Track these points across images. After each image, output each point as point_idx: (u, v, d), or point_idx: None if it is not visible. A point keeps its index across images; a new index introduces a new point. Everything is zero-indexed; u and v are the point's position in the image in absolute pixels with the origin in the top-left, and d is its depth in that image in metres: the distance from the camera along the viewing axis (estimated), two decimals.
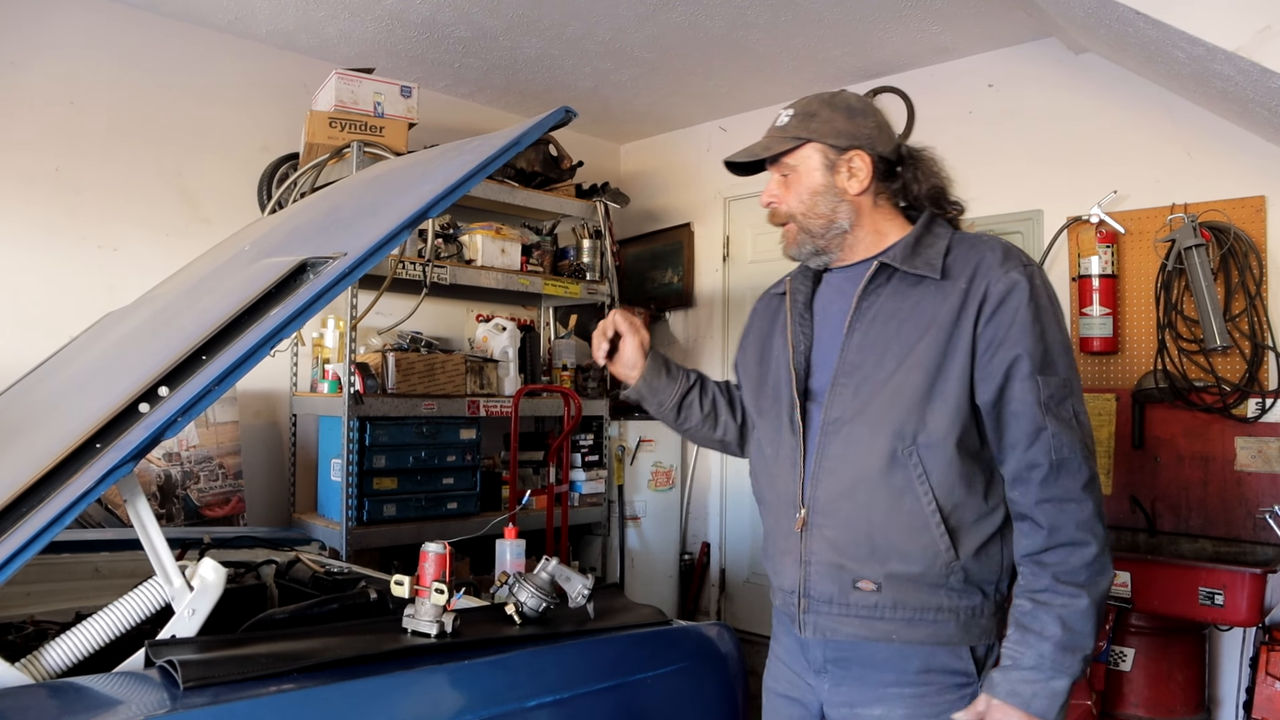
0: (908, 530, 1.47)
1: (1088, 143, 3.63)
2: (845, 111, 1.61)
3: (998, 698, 1.41)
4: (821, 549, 1.53)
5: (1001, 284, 1.46)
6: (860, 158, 1.59)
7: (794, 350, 1.63)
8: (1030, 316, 1.45)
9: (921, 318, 1.50)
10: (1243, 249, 3.19)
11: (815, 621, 1.54)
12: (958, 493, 1.47)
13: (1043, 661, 1.39)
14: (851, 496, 1.51)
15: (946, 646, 1.49)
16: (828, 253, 1.63)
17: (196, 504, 3.53)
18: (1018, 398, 1.44)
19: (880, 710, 1.51)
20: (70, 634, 1.46)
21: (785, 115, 1.63)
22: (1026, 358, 1.43)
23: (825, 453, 1.54)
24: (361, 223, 1.66)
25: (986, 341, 1.46)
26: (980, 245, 1.55)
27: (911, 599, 1.48)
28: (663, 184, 5.24)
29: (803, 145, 1.59)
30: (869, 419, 1.50)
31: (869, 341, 1.53)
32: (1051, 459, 1.41)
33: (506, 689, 1.53)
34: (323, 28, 3.75)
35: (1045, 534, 1.42)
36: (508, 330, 4.11)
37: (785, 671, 1.68)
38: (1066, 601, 1.39)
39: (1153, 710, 2.99)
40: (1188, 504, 3.26)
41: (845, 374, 1.54)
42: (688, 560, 4.84)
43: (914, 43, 3.84)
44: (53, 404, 1.83)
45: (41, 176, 3.41)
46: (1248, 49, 2.31)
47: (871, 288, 1.56)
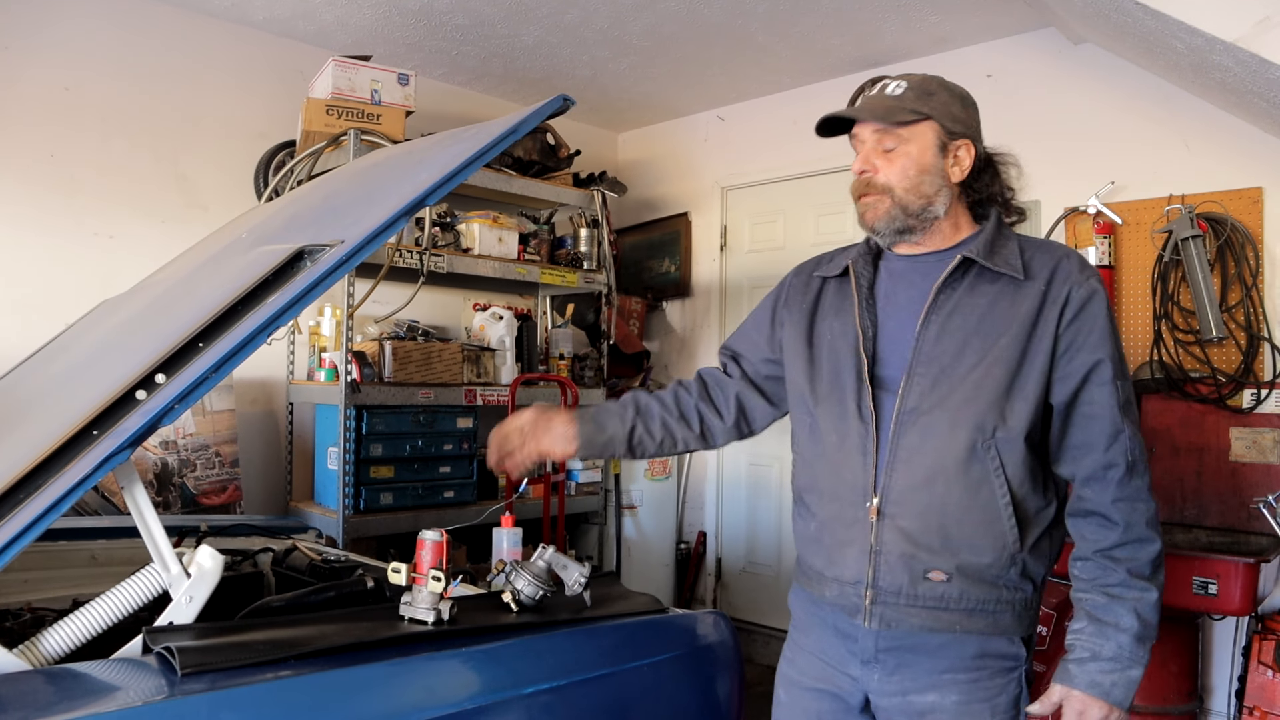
0: (982, 522, 1.50)
1: (1085, 133, 3.63)
2: (960, 99, 1.61)
3: (1078, 689, 1.46)
4: (894, 539, 1.52)
5: (1083, 290, 1.51)
6: (967, 148, 1.59)
7: (862, 335, 1.60)
8: (1108, 324, 1.51)
9: (1002, 315, 1.52)
10: (1239, 240, 3.19)
11: (882, 613, 1.53)
12: (1025, 487, 1.51)
13: (1121, 653, 1.44)
14: (929, 487, 1.51)
15: (1001, 635, 1.53)
16: (913, 233, 1.59)
17: (193, 492, 3.53)
18: (1098, 400, 1.49)
19: (934, 696, 1.52)
20: (68, 620, 1.46)
21: (897, 85, 1.59)
22: (1108, 363, 1.49)
23: (901, 443, 1.53)
24: (359, 210, 1.66)
25: (1067, 343, 1.50)
26: (1055, 250, 1.58)
27: (976, 590, 1.51)
28: (660, 173, 5.23)
29: (923, 120, 1.56)
30: (949, 411, 1.51)
31: (947, 334, 1.53)
32: (1128, 460, 1.48)
33: (503, 676, 1.54)
34: (320, 14, 3.73)
35: (1120, 530, 1.47)
36: (505, 319, 4.11)
37: (815, 664, 1.65)
38: (1139, 595, 1.46)
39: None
40: (1183, 494, 3.27)
41: (922, 365, 1.54)
42: (684, 549, 4.85)
43: (912, 32, 3.83)
44: (49, 391, 1.83)
45: (37, 163, 3.39)
46: (1246, 40, 2.31)
47: (950, 279, 1.56)
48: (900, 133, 1.56)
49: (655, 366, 5.15)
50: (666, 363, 5.16)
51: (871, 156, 1.58)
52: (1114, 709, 1.44)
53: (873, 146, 1.58)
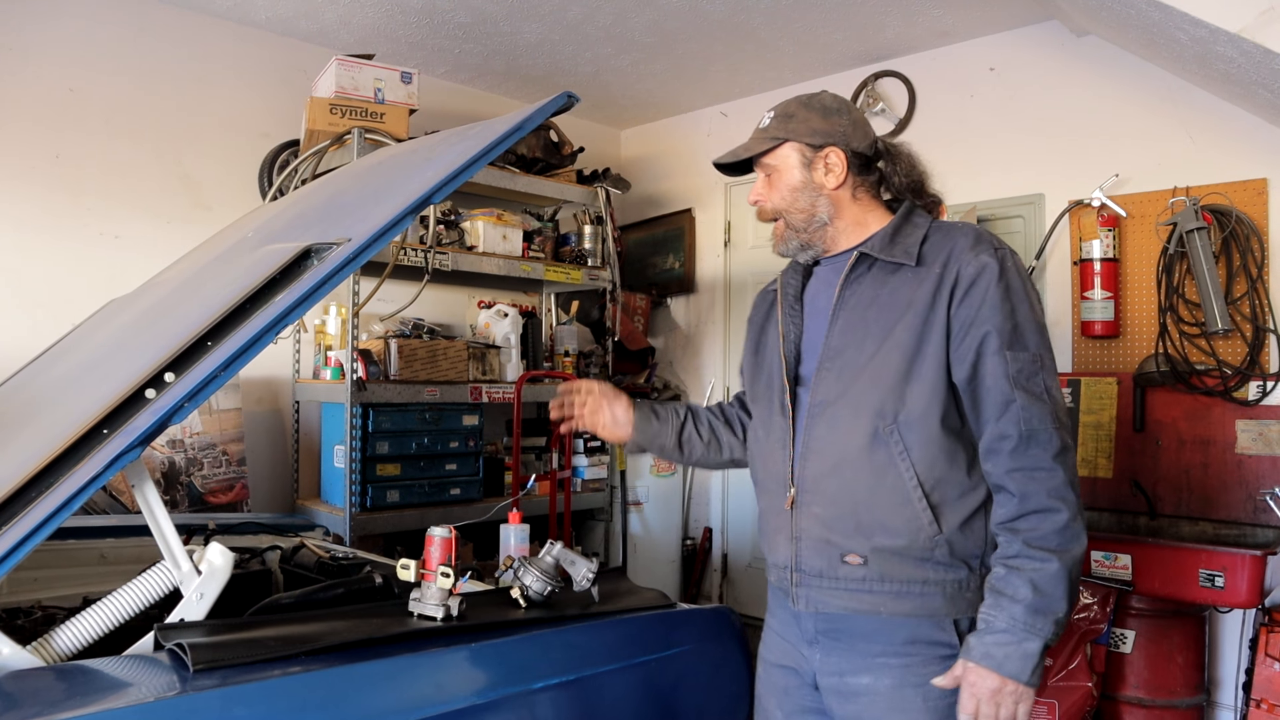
0: (891, 505, 1.54)
1: (1089, 126, 3.62)
2: (820, 111, 1.68)
3: (972, 660, 1.47)
4: (810, 525, 1.60)
5: (972, 267, 1.53)
6: (835, 154, 1.66)
7: (784, 339, 1.71)
8: (1000, 295, 1.51)
9: (898, 302, 1.57)
10: (1244, 232, 3.19)
11: (807, 595, 1.61)
12: (939, 468, 1.54)
13: (1014, 624, 1.43)
14: (836, 474, 1.58)
15: (932, 619, 1.55)
16: (812, 246, 1.70)
17: (200, 491, 3.54)
18: (988, 373, 1.50)
19: (868, 679, 1.57)
20: (80, 617, 1.47)
21: (767, 117, 1.71)
22: (995, 334, 1.50)
23: (811, 434, 1.62)
24: (364, 209, 1.67)
25: (960, 322, 1.53)
26: (953, 232, 1.62)
27: (897, 572, 1.54)
28: (664, 169, 5.23)
29: (781, 145, 1.67)
30: (851, 400, 1.58)
31: (850, 327, 1.61)
32: (1021, 430, 1.47)
33: (512, 671, 1.54)
34: (322, 13, 3.74)
35: (1017, 502, 1.47)
36: (509, 316, 4.11)
37: (779, 642, 1.74)
38: (1037, 565, 1.44)
39: (1153, 692, 3.01)
40: (1188, 487, 3.27)
41: (829, 358, 1.62)
42: (690, 545, 4.86)
43: (915, 26, 3.83)
44: (58, 390, 1.84)
45: (43, 163, 3.40)
46: (1250, 31, 2.31)
47: (853, 276, 1.64)
48: (768, 161, 1.69)
49: (660, 363, 5.15)
50: (671, 359, 5.17)
51: (759, 187, 1.73)
52: (1008, 681, 1.43)
53: (760, 180, 1.72)
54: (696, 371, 5.04)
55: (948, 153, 4.00)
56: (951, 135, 4.01)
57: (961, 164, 3.95)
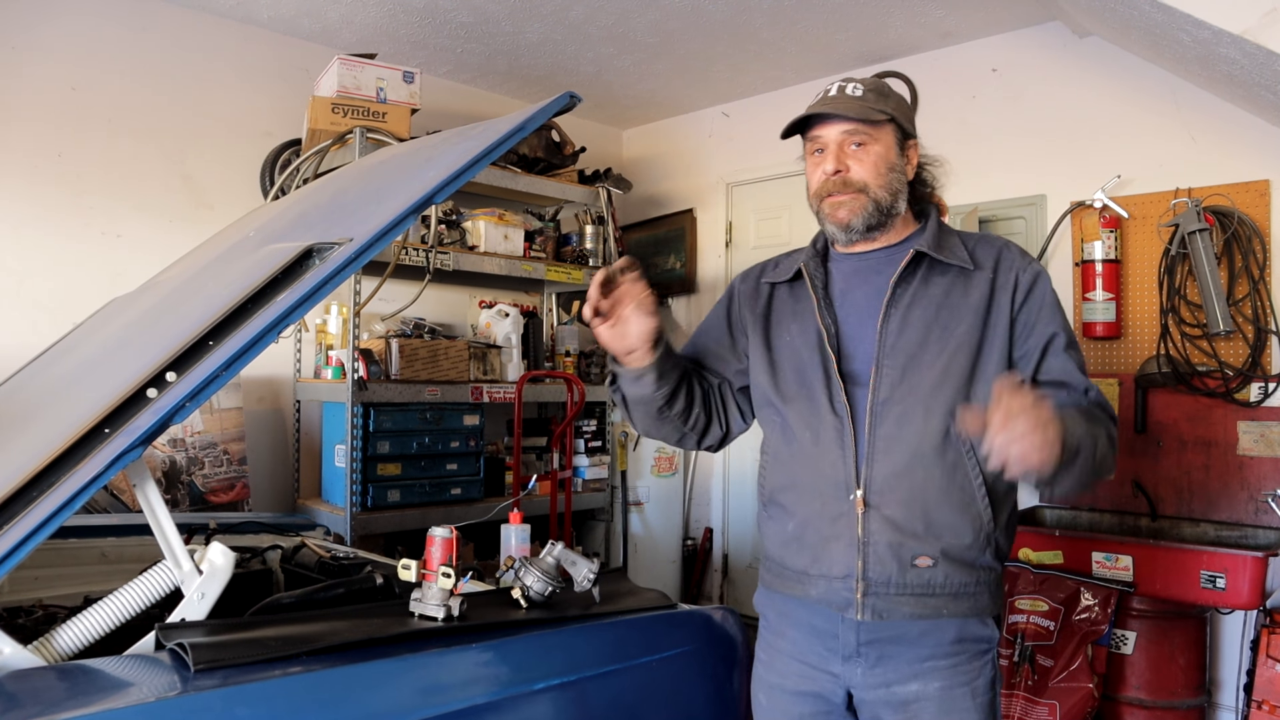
0: (959, 505, 1.55)
1: (1091, 127, 3.62)
2: (907, 102, 1.72)
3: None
4: (881, 528, 1.54)
5: (1029, 274, 1.60)
6: (915, 148, 1.68)
7: (826, 333, 1.63)
8: (1054, 303, 1.60)
9: (957, 304, 1.59)
10: (1246, 233, 3.18)
11: (874, 604, 1.53)
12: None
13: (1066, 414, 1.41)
14: (909, 475, 1.54)
15: (978, 617, 1.57)
16: (879, 229, 1.64)
17: (201, 490, 3.54)
18: (1059, 368, 1.57)
19: (917, 686, 1.55)
20: (81, 617, 1.47)
21: (856, 88, 1.62)
22: (1061, 334, 1.58)
23: (878, 433, 1.56)
24: (366, 208, 1.67)
25: (1023, 324, 1.58)
26: (995, 241, 1.66)
27: (958, 572, 1.55)
28: (665, 169, 5.23)
29: (887, 121, 1.62)
30: (920, 399, 1.55)
31: (909, 326, 1.58)
32: (1100, 401, 1.57)
33: (513, 672, 1.54)
34: (325, 13, 3.74)
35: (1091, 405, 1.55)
36: (511, 316, 4.11)
37: (794, 666, 1.63)
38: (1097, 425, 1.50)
39: (1154, 693, 3.01)
40: (1190, 488, 3.27)
41: (888, 357, 1.58)
42: (691, 545, 4.85)
43: (917, 27, 3.82)
44: (60, 390, 1.84)
45: (45, 163, 3.41)
46: (1254, 32, 2.31)
47: (905, 273, 1.61)
48: (871, 132, 1.61)
49: None
50: None
51: (843, 156, 1.61)
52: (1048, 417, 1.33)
53: (843, 145, 1.61)
54: None
55: (950, 154, 3.93)
56: (953, 136, 4.00)
57: (963, 165, 3.90)
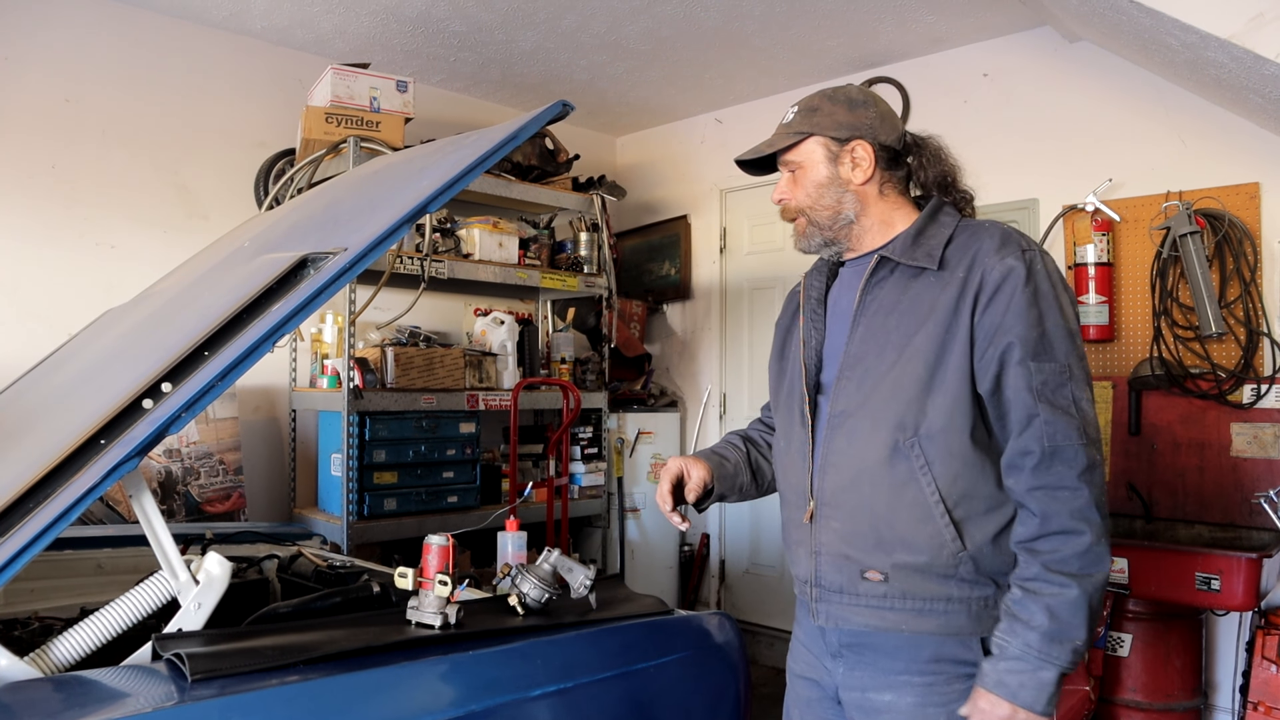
0: (912, 521, 1.47)
1: (1083, 131, 3.64)
2: (846, 104, 1.61)
3: (985, 688, 1.40)
4: (829, 540, 1.55)
5: (996, 271, 1.45)
6: (862, 147, 1.59)
7: (805, 345, 1.64)
8: (1025, 302, 1.43)
9: (920, 309, 1.50)
10: (1237, 236, 3.20)
11: (827, 610, 1.57)
12: (962, 483, 1.46)
13: (1028, 651, 1.37)
14: (855, 488, 1.52)
15: (957, 637, 1.49)
16: (836, 244, 1.64)
17: (197, 500, 3.54)
18: (1011, 384, 1.42)
19: (890, 696, 1.52)
20: (78, 628, 1.47)
21: (791, 113, 1.65)
22: (1018, 344, 1.41)
23: (830, 445, 1.56)
24: (361, 218, 1.67)
25: (983, 331, 1.45)
26: (980, 232, 1.53)
27: (920, 589, 1.48)
28: (659, 176, 5.24)
29: (805, 140, 1.61)
30: (871, 411, 1.51)
31: (871, 334, 1.54)
32: (1044, 445, 1.39)
33: (511, 679, 1.54)
34: (318, 23, 3.75)
35: (1038, 522, 1.40)
36: (506, 324, 4.12)
37: (804, 654, 1.70)
38: (1056, 591, 1.37)
39: (1150, 695, 3.01)
40: (1184, 490, 3.28)
41: (849, 367, 1.56)
42: (687, 552, 4.86)
43: (909, 33, 3.84)
44: (55, 401, 1.84)
45: (39, 174, 3.41)
46: (1241, 36, 2.32)
47: (874, 281, 1.57)
48: (789, 158, 1.63)
49: (656, 369, 5.16)
50: (668, 365, 5.17)
51: (782, 185, 1.66)
52: (1019, 710, 1.36)
53: (784, 176, 1.66)
54: (693, 378, 5.04)
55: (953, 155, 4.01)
56: (945, 141, 4.02)
57: None
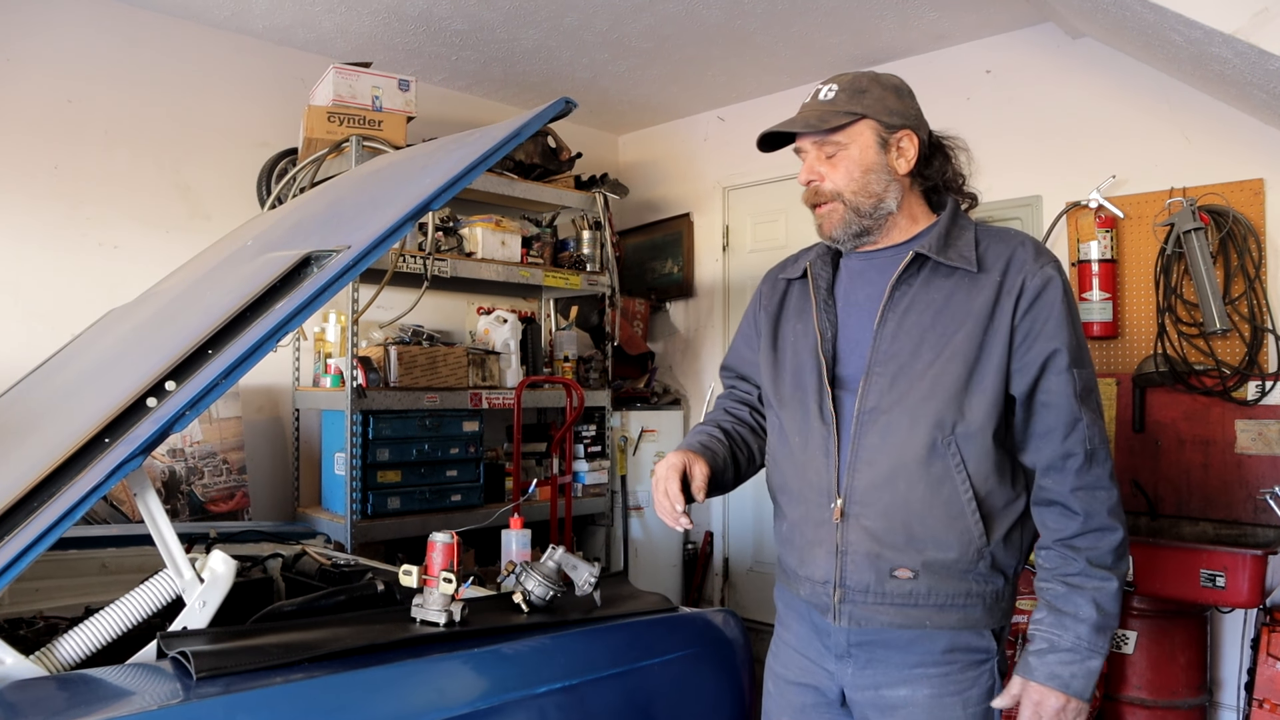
0: (945, 518, 1.50)
1: (1086, 128, 3.63)
2: (894, 91, 1.59)
3: (1036, 680, 1.45)
4: (859, 538, 1.53)
5: (1038, 279, 1.49)
6: (909, 138, 1.58)
7: (821, 338, 1.61)
8: (1064, 312, 1.49)
9: (957, 309, 1.51)
10: (1241, 232, 3.19)
11: (851, 611, 1.54)
12: (991, 480, 1.51)
13: (1080, 643, 1.44)
14: (891, 486, 1.51)
15: (971, 629, 1.52)
16: (871, 234, 1.60)
17: (201, 499, 3.54)
18: (1054, 389, 1.48)
19: (906, 691, 1.53)
20: (83, 627, 1.47)
21: (829, 90, 1.59)
22: (1065, 351, 1.47)
23: (862, 443, 1.54)
24: (364, 216, 1.67)
25: (1023, 334, 1.49)
26: (1011, 239, 1.56)
27: (944, 586, 1.51)
28: (662, 174, 5.24)
29: (857, 121, 1.56)
30: (908, 409, 1.51)
31: (904, 331, 1.53)
32: (1086, 448, 1.46)
33: (515, 676, 1.54)
34: (319, 22, 3.75)
35: (1081, 520, 1.46)
36: (509, 322, 4.12)
37: (797, 659, 1.67)
38: (1099, 585, 1.45)
39: (1155, 692, 3.01)
40: (1189, 487, 3.27)
41: (880, 363, 1.54)
42: (691, 549, 4.85)
43: (910, 29, 3.84)
44: (59, 401, 1.84)
45: (41, 174, 3.41)
46: (1245, 32, 2.32)
47: (904, 276, 1.56)
48: (837, 137, 1.56)
49: (660, 367, 5.16)
50: (671, 363, 5.17)
51: (815, 165, 1.59)
52: (1071, 699, 1.44)
53: (815, 155, 1.59)
54: (696, 376, 5.04)
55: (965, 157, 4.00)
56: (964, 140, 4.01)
57: None
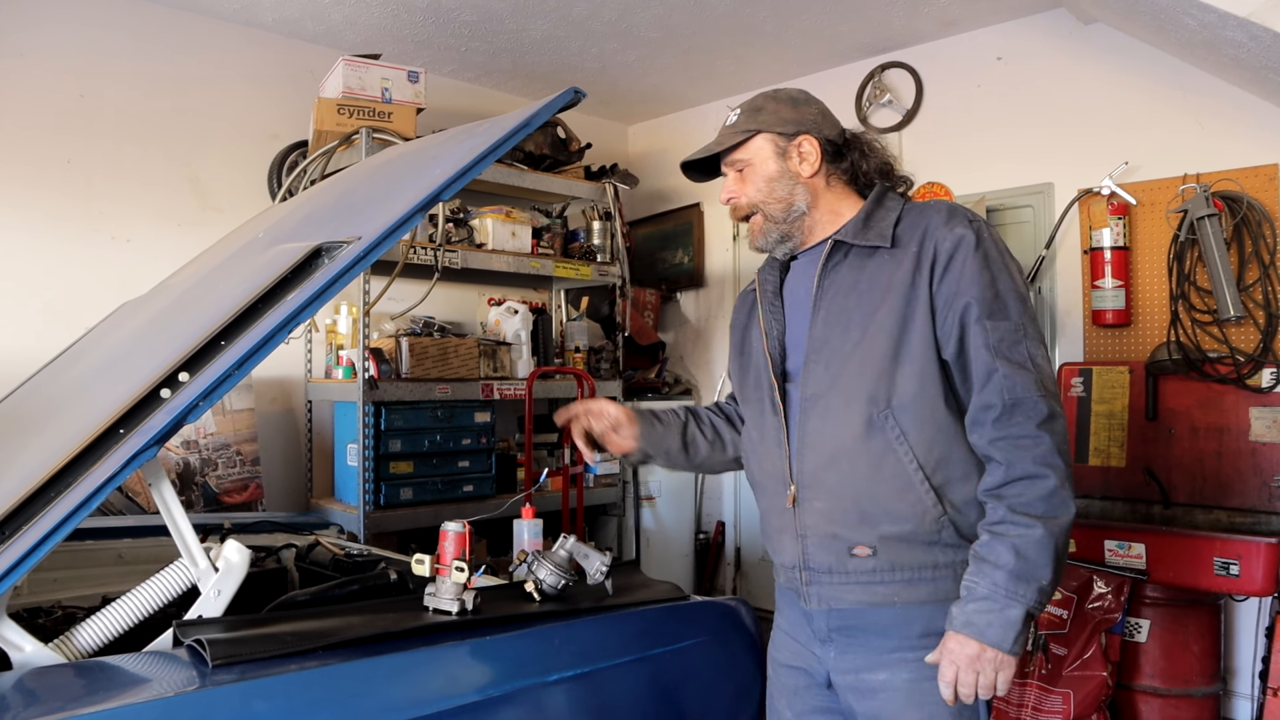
0: (894, 491, 1.52)
1: (1098, 114, 3.60)
2: (789, 102, 1.68)
3: (953, 629, 1.45)
4: (814, 521, 1.58)
5: (948, 241, 1.52)
6: (808, 141, 1.65)
7: (767, 336, 1.69)
8: (978, 265, 1.50)
9: (878, 286, 1.56)
10: (1256, 218, 3.17)
11: (819, 592, 1.59)
12: (939, 449, 1.52)
13: (995, 590, 1.41)
14: (834, 466, 1.56)
15: (946, 605, 1.52)
16: (791, 237, 1.68)
17: (215, 491, 3.57)
18: (971, 344, 1.49)
19: (885, 675, 1.55)
20: (100, 615, 1.49)
21: (734, 115, 1.70)
22: (975, 303, 1.48)
23: (805, 428, 1.60)
24: (374, 207, 1.68)
25: (943, 299, 1.52)
26: (926, 210, 1.60)
27: (907, 559, 1.53)
28: (671, 164, 5.21)
29: (753, 137, 1.66)
30: (842, 390, 1.56)
31: (833, 316, 1.59)
32: (1005, 399, 1.46)
33: (528, 664, 1.55)
34: (328, 14, 3.75)
35: (1003, 470, 1.46)
36: (520, 313, 4.12)
37: (789, 642, 1.72)
38: (1021, 531, 1.42)
39: (1169, 681, 3.00)
40: (1202, 475, 3.25)
41: (815, 350, 1.60)
42: (703, 539, 4.86)
43: (921, 17, 3.82)
44: (74, 392, 1.85)
45: (55, 168, 3.43)
46: (1260, 14, 2.30)
47: (830, 265, 1.62)
48: (738, 155, 1.68)
49: (670, 358, 5.16)
50: (682, 354, 5.17)
51: (731, 185, 1.71)
52: (987, 648, 1.41)
53: (731, 176, 1.71)
54: (707, 366, 5.04)
55: (955, 143, 3.99)
56: (959, 126, 4.00)
57: (969, 154, 3.94)
